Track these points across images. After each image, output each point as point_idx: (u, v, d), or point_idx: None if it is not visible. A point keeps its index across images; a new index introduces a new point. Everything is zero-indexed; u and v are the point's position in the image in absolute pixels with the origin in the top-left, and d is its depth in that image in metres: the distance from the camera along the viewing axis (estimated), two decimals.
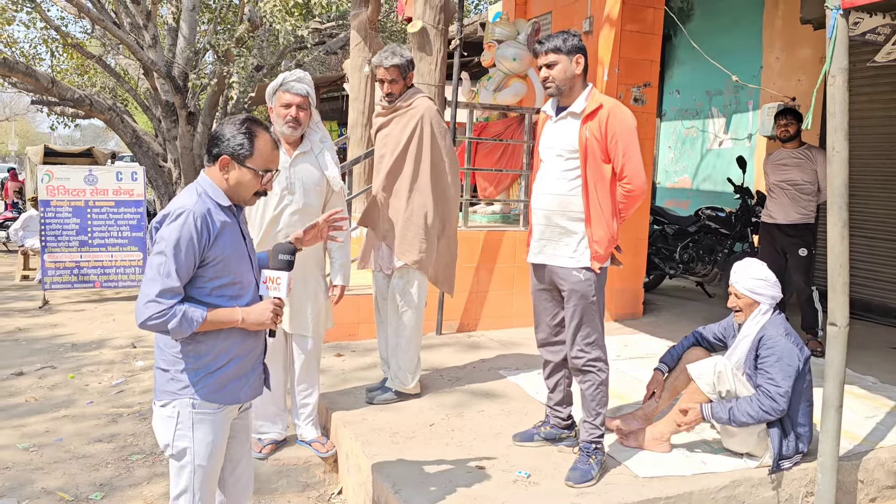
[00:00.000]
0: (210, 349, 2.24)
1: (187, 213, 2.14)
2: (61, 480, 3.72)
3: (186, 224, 2.12)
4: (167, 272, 2.10)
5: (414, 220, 3.89)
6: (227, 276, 2.24)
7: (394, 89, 3.89)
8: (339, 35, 14.25)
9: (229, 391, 2.29)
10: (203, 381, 2.23)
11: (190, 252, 2.13)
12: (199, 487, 2.29)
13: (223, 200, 2.26)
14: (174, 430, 2.24)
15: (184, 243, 2.12)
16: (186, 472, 2.27)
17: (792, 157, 5.47)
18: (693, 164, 9.12)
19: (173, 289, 2.11)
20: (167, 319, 2.09)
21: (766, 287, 3.31)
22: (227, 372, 2.27)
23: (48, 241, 8.31)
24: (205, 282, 2.21)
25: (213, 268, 2.20)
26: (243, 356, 2.31)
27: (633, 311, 6.40)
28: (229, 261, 2.23)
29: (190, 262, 2.14)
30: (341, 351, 5.08)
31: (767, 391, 3.13)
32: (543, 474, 3.18)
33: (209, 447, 2.27)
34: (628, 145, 3.06)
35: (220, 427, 2.30)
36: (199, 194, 2.23)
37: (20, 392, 5.10)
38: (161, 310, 2.09)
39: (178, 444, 2.25)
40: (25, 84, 12.77)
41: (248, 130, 2.24)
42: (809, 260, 5.45)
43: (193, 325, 2.14)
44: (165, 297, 2.10)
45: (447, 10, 5.26)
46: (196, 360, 2.23)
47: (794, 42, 7.45)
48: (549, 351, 3.43)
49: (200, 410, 2.24)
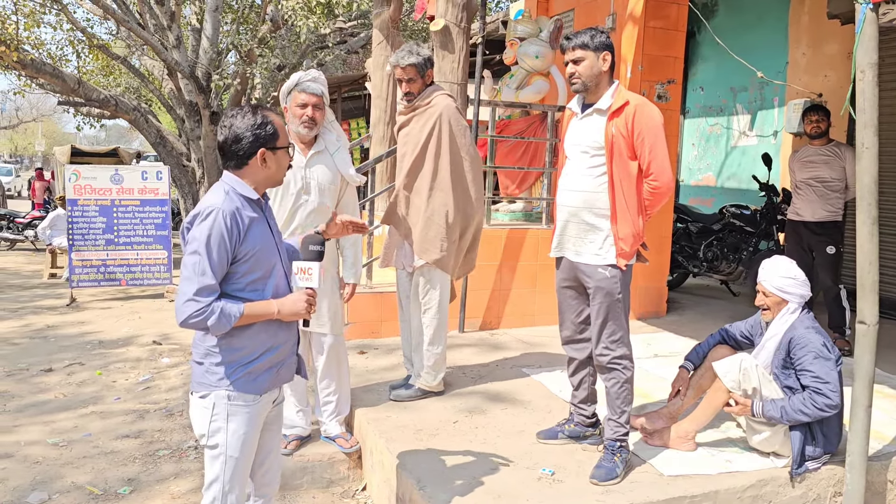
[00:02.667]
0: (245, 343, 2.27)
1: (216, 211, 2.18)
2: (90, 475, 3.78)
3: (217, 222, 2.16)
4: (202, 270, 2.14)
5: (435, 218, 3.90)
6: (260, 270, 2.28)
7: (412, 88, 3.89)
8: (361, 34, 14.30)
9: (263, 381, 2.33)
10: (238, 374, 2.27)
11: (222, 249, 2.17)
12: (231, 478, 2.33)
13: (252, 194, 2.30)
14: (209, 420, 2.29)
15: (215, 241, 2.15)
16: (219, 461, 2.32)
17: (819, 154, 5.41)
18: (717, 161, 9.04)
19: (210, 286, 2.15)
20: (206, 317, 2.14)
21: (795, 286, 3.27)
22: (261, 363, 2.31)
23: (75, 240, 8.44)
24: (238, 277, 2.24)
25: (245, 263, 2.24)
26: (277, 347, 2.36)
27: (657, 309, 6.36)
28: (260, 255, 2.27)
29: (223, 259, 2.18)
30: (364, 349, 5.10)
31: (818, 389, 3.08)
32: (568, 472, 3.17)
33: (242, 438, 2.31)
34: (655, 142, 3.04)
35: (254, 419, 2.34)
36: (226, 192, 2.26)
37: (49, 388, 5.19)
38: (199, 308, 2.13)
39: (213, 434, 2.30)
40: (52, 85, 12.97)
41: (264, 118, 2.29)
42: (837, 258, 5.38)
43: (232, 321, 2.18)
44: (203, 296, 2.14)
45: (469, 8, 5.26)
46: (231, 353, 2.27)
47: (820, 37, 7.35)
48: (574, 348, 3.42)
49: (235, 402, 2.28)
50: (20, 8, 10.67)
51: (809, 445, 3.18)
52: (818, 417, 3.10)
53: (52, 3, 11.66)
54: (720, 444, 3.47)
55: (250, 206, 2.29)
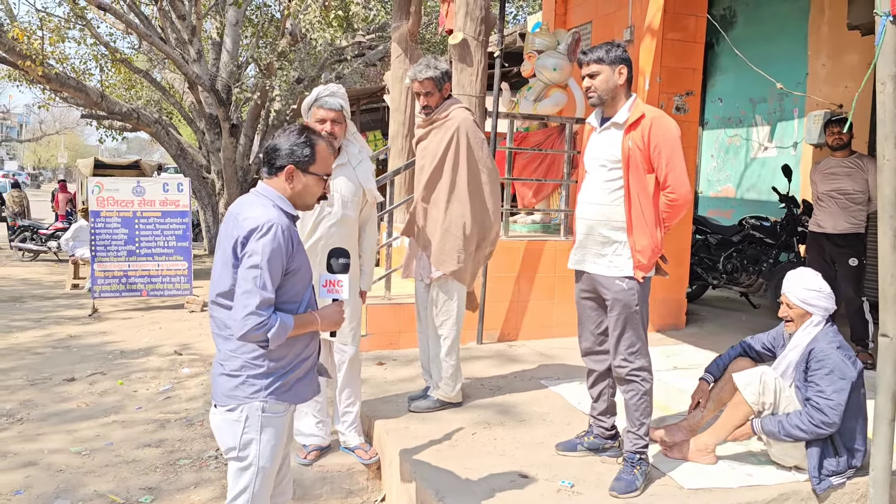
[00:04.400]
0: (285, 352, 2.33)
1: (276, 226, 2.22)
2: (112, 484, 3.82)
3: (276, 237, 2.21)
4: (263, 284, 2.18)
5: (452, 230, 3.92)
6: (302, 283, 2.34)
7: (430, 101, 3.93)
8: (379, 47, 14.43)
9: (296, 391, 2.39)
10: (276, 384, 2.32)
11: (279, 263, 2.23)
12: (259, 489, 2.36)
13: (292, 210, 2.35)
14: (241, 433, 2.30)
15: (276, 256, 2.21)
16: (249, 472, 2.33)
17: (842, 167, 5.37)
18: (736, 173, 8.99)
19: (269, 300, 2.20)
20: (267, 329, 2.18)
21: (820, 298, 3.24)
22: (296, 373, 2.37)
23: (98, 251, 8.55)
24: (284, 290, 2.28)
25: (294, 277, 2.29)
26: (308, 357, 2.42)
27: (676, 321, 6.32)
28: (304, 269, 2.35)
29: (279, 273, 2.24)
30: (383, 360, 5.12)
31: (817, 403, 3.07)
32: (587, 484, 3.16)
33: (273, 449, 2.35)
34: (672, 155, 3.05)
35: (284, 428, 2.39)
36: (275, 207, 2.30)
37: (72, 397, 5.25)
38: (261, 321, 2.17)
39: (245, 446, 2.31)
40: (76, 99, 13.19)
41: (307, 139, 2.34)
42: (859, 270, 5.33)
43: (287, 332, 2.24)
44: (264, 309, 2.18)
45: (488, 21, 5.30)
46: (272, 363, 2.31)
47: (840, 48, 7.31)
48: (594, 360, 3.42)
49: (269, 413, 2.32)
50: (45, 23, 10.88)
51: (832, 459, 3.14)
52: (816, 435, 3.07)
53: (76, 19, 11.89)
54: (741, 457, 3.44)
55: (291, 221, 2.35)
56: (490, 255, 4.24)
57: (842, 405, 3.06)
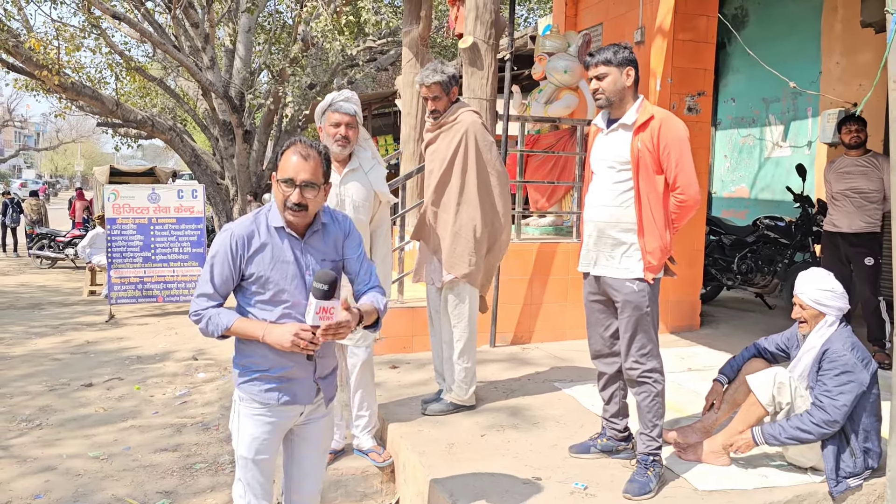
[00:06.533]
0: (253, 351, 2.39)
1: (228, 232, 2.35)
2: (129, 488, 3.86)
3: (224, 241, 2.34)
4: (205, 280, 2.35)
5: (462, 233, 3.93)
6: (267, 292, 2.35)
7: (438, 106, 3.94)
8: (390, 52, 14.47)
9: (272, 393, 2.40)
10: (248, 377, 2.41)
11: (225, 265, 2.33)
12: (244, 476, 2.45)
13: (277, 222, 2.37)
14: (230, 417, 2.52)
15: (219, 257, 2.34)
16: (237, 458, 2.46)
17: (856, 166, 5.33)
18: (750, 173, 8.94)
19: (208, 294, 2.35)
20: (199, 319, 2.35)
21: (833, 298, 3.22)
22: (270, 374, 2.39)
23: (114, 258, 8.63)
24: (249, 294, 2.38)
25: (253, 283, 2.36)
26: (286, 367, 2.38)
27: (691, 322, 6.29)
28: (267, 281, 2.34)
29: (225, 274, 2.34)
30: (396, 363, 5.14)
31: (821, 403, 3.04)
32: (601, 486, 3.15)
33: (251, 441, 2.42)
34: (681, 156, 3.05)
35: (264, 425, 2.41)
36: (255, 215, 2.40)
37: (90, 403, 5.30)
38: (196, 309, 2.36)
39: (232, 431, 2.49)
40: (92, 107, 13.34)
41: (283, 148, 2.38)
42: (876, 269, 5.28)
43: (219, 330, 2.32)
44: (201, 300, 2.35)
45: (497, 25, 5.31)
46: (242, 357, 2.43)
47: (854, 46, 7.26)
48: (604, 363, 3.41)
49: (245, 404, 2.43)
50: (61, 33, 11.01)
51: (849, 461, 3.12)
52: (820, 435, 3.05)
53: (91, 28, 12.02)
54: (755, 458, 3.42)
55: (277, 233, 2.36)
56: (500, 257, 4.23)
57: (846, 405, 3.03)
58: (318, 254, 2.41)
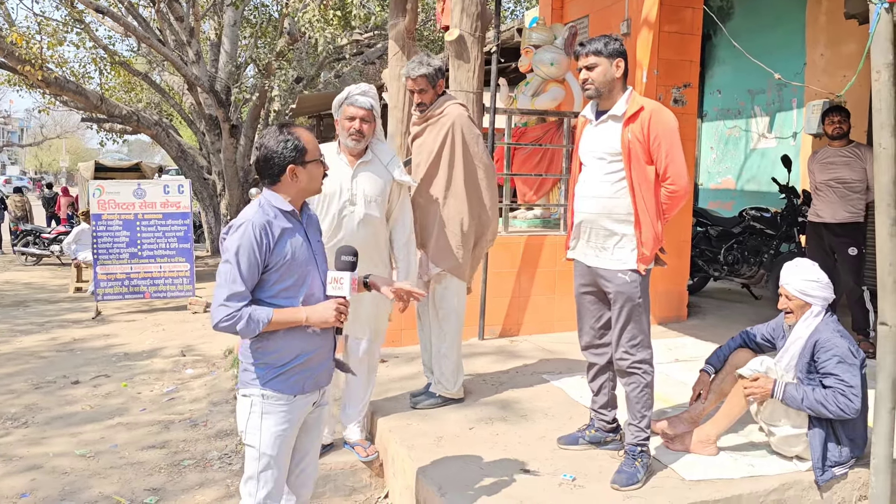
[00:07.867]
0: (278, 346, 2.38)
1: (247, 223, 2.31)
2: (117, 486, 3.84)
3: (246, 234, 2.29)
4: (233, 278, 2.28)
5: (449, 226, 3.93)
6: (291, 278, 2.38)
7: (424, 99, 3.93)
8: (377, 45, 14.42)
9: (297, 382, 2.42)
10: (271, 375, 2.38)
11: (252, 258, 2.29)
12: (263, 474, 2.42)
13: (285, 206, 2.40)
14: (247, 417, 2.41)
15: (245, 251, 2.28)
16: (254, 458, 2.42)
17: (840, 156, 5.36)
18: (736, 164, 8.98)
19: (239, 293, 2.28)
20: (235, 321, 2.26)
21: (818, 288, 3.24)
22: (294, 365, 2.40)
23: (100, 254, 8.58)
24: (271, 285, 2.36)
25: (277, 272, 2.35)
26: (311, 352, 2.44)
27: (678, 313, 6.32)
28: (292, 264, 2.37)
29: (253, 268, 2.30)
30: (385, 357, 5.13)
31: (843, 391, 3.05)
32: (589, 477, 3.17)
33: (275, 437, 2.40)
34: (671, 146, 3.06)
35: (289, 419, 2.42)
36: (260, 205, 2.38)
37: (76, 400, 5.27)
38: (229, 313, 2.26)
39: (250, 431, 2.41)
40: (76, 102, 13.22)
41: (290, 134, 2.39)
42: (859, 259, 5.33)
43: (260, 326, 2.29)
44: (233, 301, 2.27)
45: (484, 17, 5.29)
46: (264, 356, 2.39)
47: (838, 38, 7.30)
48: (594, 353, 3.42)
49: (270, 401, 2.39)
50: (44, 27, 10.89)
51: (835, 450, 3.14)
52: (837, 416, 3.07)
53: (74, 22, 11.91)
54: (743, 448, 3.45)
55: (285, 217, 2.39)
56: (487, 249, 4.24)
57: (862, 390, 3.07)
58: (316, 233, 2.56)
